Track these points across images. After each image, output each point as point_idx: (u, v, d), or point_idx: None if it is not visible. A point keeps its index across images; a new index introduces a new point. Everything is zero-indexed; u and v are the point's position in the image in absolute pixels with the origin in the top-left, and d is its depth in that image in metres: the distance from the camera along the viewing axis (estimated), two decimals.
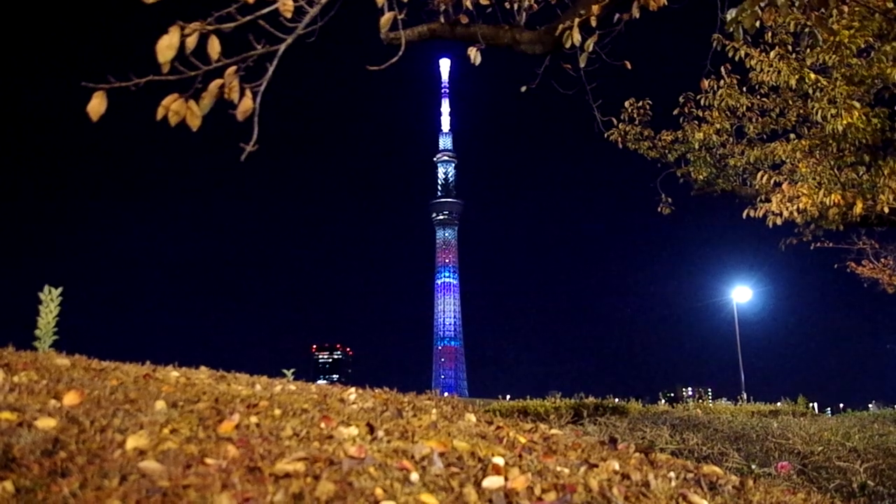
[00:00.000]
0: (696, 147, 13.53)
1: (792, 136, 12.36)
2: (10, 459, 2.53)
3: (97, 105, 3.35)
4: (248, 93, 3.67)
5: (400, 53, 4.90)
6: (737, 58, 10.17)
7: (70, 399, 3.60)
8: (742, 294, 48.14)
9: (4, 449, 2.59)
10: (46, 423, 3.01)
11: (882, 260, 18.58)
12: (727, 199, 14.45)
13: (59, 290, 7.93)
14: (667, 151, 13.91)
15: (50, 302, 7.84)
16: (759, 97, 12.50)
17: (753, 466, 7.72)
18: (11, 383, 3.88)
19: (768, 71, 10.22)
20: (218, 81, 3.58)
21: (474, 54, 5.79)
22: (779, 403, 22.22)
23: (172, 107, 3.49)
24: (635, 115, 13.65)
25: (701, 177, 14.02)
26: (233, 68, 3.62)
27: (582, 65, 5.86)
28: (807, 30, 9.36)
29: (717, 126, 12.97)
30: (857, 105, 9.58)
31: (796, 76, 9.88)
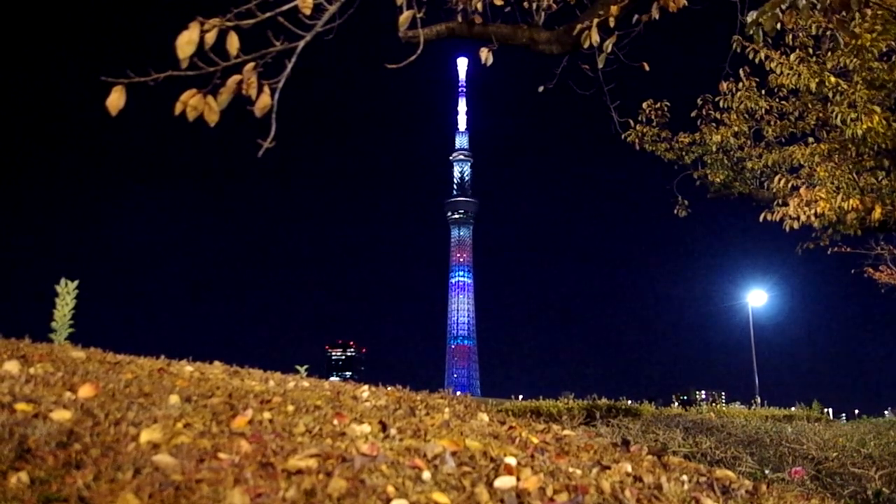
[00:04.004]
0: (714, 149, 13.46)
1: (811, 139, 12.26)
2: (25, 450, 2.54)
3: (116, 99, 3.37)
4: (266, 89, 3.68)
5: (418, 52, 4.90)
6: (756, 60, 10.09)
7: (85, 391, 3.62)
8: (757, 298, 47.87)
9: (20, 440, 2.61)
10: (61, 415, 3.03)
11: None
12: (744, 203, 14.37)
13: (76, 283, 7.98)
14: (684, 153, 13.84)
15: (66, 295, 7.90)
16: (777, 100, 12.41)
17: (767, 471, 7.67)
18: (27, 375, 3.91)
19: (788, 74, 10.14)
20: (236, 77, 3.59)
21: (486, 55, 5.76)
22: (793, 408, 22.06)
23: (191, 102, 3.51)
24: (653, 117, 13.58)
25: (718, 179, 13.94)
26: (251, 64, 3.63)
27: (600, 65, 5.83)
28: (828, 33, 9.29)
29: (735, 129, 12.88)
30: (878, 109, 9.48)
31: (816, 79, 9.80)
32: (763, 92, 12.20)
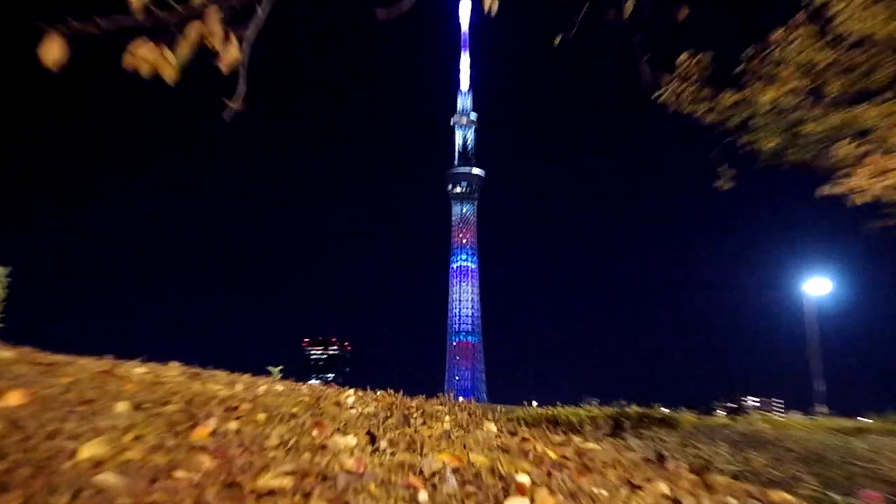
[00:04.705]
0: (764, 110, 13.39)
1: (886, 95, 12.19)
2: None
3: (54, 51, 3.31)
4: (234, 40, 3.64)
5: None
6: (817, 2, 10.03)
7: (13, 399, 3.61)
8: (818, 287, 47.91)
9: None
10: None
11: None
12: (800, 173, 14.31)
13: (7, 269, 7.95)
14: (728, 115, 13.79)
15: None
16: (843, 50, 12.33)
17: (833, 495, 7.67)
18: None
19: (856, 18, 10.07)
20: (199, 26, 3.55)
21: (490, 2, 5.66)
22: (865, 419, 22.12)
23: (143, 54, 3.46)
24: (692, 72, 13.50)
25: (769, 146, 13.88)
26: (215, 9, 3.58)
27: (627, 12, 5.79)
28: None
29: (791, 85, 12.81)
30: None
31: (891, 24, 9.73)
32: (825, 41, 12.12)
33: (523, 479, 3.34)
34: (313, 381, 8.20)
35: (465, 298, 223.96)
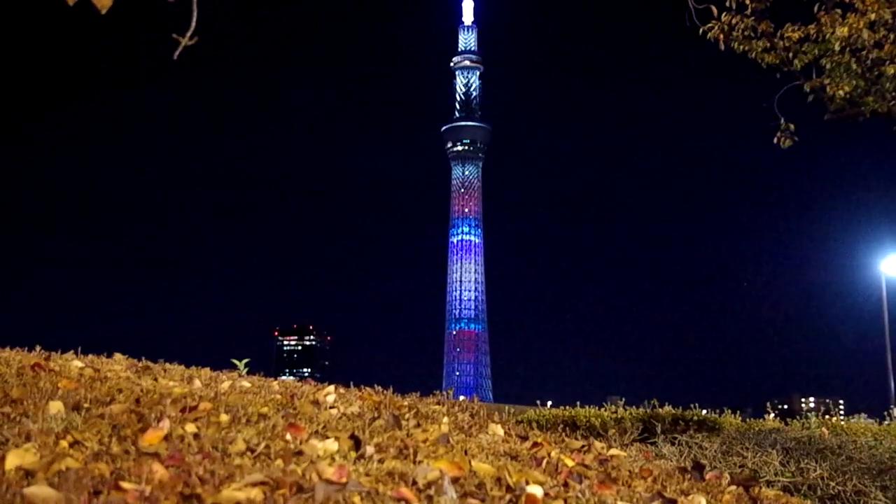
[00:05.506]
0: (837, 48, 13.28)
1: None
2: None
3: None
4: None
5: None
6: None
7: None
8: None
9: None
10: None
11: None
12: (879, 126, 14.23)
13: None
14: (792, 55, 13.67)
15: None
16: None
17: None
18: None
19: None
20: None
21: None
22: None
23: None
24: (747, 2, 13.40)
25: (842, 92, 13.77)
26: None
27: None
28: None
29: (872, 17, 12.68)
30: None
31: None
32: None
33: (535, 490, 3.38)
34: (286, 377, 8.27)
35: (466, 279, 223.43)
